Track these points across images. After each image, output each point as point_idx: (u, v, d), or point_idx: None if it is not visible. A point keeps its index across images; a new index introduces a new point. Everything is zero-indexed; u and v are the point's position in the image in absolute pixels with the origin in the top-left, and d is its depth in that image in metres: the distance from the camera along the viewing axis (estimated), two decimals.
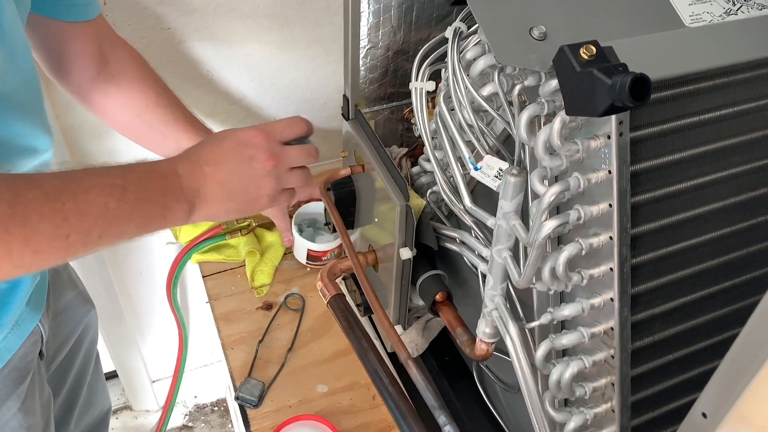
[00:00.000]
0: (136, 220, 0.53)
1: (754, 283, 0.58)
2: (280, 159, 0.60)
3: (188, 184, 0.56)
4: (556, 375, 0.54)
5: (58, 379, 0.79)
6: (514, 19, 0.51)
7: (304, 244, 1.04)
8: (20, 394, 0.63)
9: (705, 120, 0.53)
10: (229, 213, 0.59)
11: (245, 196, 0.59)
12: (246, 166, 0.59)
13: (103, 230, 0.50)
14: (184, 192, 0.56)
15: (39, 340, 0.66)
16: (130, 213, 0.52)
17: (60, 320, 0.76)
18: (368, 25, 0.75)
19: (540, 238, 0.50)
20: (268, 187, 0.60)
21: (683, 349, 0.57)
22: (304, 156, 0.63)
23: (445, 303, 0.71)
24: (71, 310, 0.79)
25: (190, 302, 1.35)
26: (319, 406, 0.87)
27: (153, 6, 0.98)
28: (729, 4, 0.55)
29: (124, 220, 0.51)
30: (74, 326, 0.81)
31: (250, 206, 0.60)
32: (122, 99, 0.75)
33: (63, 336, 0.78)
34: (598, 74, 0.41)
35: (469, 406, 0.81)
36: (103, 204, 0.50)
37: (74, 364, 0.83)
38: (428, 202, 0.73)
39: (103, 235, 0.50)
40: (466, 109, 0.59)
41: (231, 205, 0.59)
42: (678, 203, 0.53)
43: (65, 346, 0.79)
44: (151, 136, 0.79)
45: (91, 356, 0.88)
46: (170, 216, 0.55)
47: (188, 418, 1.59)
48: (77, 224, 0.48)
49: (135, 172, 0.54)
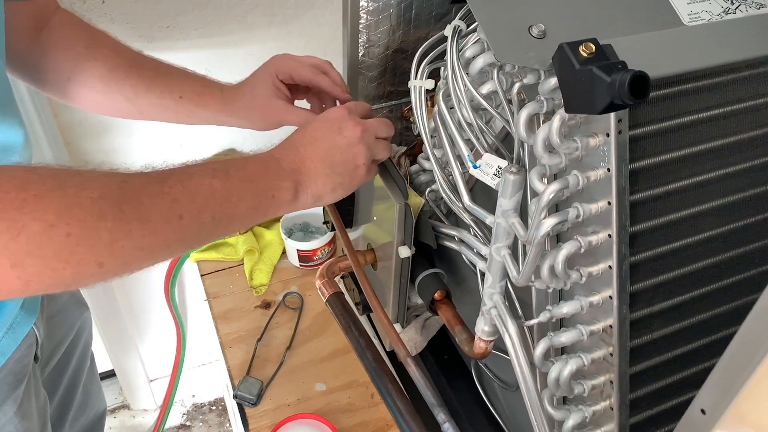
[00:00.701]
0: (246, 199, 0.53)
1: (753, 281, 0.58)
2: (365, 126, 0.61)
3: (288, 165, 0.57)
4: (555, 373, 0.54)
5: (53, 382, 0.79)
6: (513, 17, 0.51)
7: (293, 245, 1.05)
8: (16, 398, 0.62)
9: (704, 118, 0.53)
10: (335, 189, 0.60)
11: (344, 167, 0.60)
12: (338, 136, 0.60)
13: (215, 211, 0.50)
14: (286, 172, 0.57)
15: (34, 344, 0.66)
16: (238, 192, 0.53)
17: (54, 323, 0.76)
18: (367, 24, 0.75)
19: (539, 236, 0.50)
20: (362, 155, 0.60)
21: (682, 347, 0.57)
22: (384, 126, 0.64)
23: (443, 301, 0.71)
24: (65, 313, 0.79)
25: (188, 301, 1.35)
26: (317, 405, 0.87)
27: (151, 4, 0.98)
28: (727, 3, 0.55)
29: (234, 200, 0.52)
30: (68, 329, 0.80)
31: (350, 178, 0.60)
32: (48, 64, 0.70)
33: (57, 339, 0.77)
34: (598, 72, 0.41)
35: (467, 404, 0.81)
36: (208, 185, 0.50)
37: (69, 366, 0.82)
38: (427, 200, 0.74)
39: (216, 217, 0.50)
40: (465, 107, 0.59)
41: (335, 179, 0.59)
42: (677, 201, 0.53)
43: (60, 348, 0.78)
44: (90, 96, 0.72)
45: (86, 358, 0.88)
46: (278, 195, 0.56)
47: (186, 417, 1.59)
48: (188, 205, 0.49)
49: (233, 160, 0.55)
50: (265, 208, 0.55)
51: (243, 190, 0.53)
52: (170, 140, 1.13)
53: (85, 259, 0.43)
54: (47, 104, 1.00)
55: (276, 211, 0.57)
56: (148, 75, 0.71)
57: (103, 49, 0.71)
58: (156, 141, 1.12)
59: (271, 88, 0.71)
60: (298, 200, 0.58)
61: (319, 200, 0.60)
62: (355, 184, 0.61)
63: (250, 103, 0.72)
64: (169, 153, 1.15)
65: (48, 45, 0.69)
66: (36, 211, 0.41)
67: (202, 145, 1.17)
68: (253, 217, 0.55)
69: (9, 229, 0.39)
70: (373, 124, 0.63)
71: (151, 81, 0.71)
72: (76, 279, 0.43)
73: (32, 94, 0.96)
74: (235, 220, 0.53)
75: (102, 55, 0.70)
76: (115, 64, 0.70)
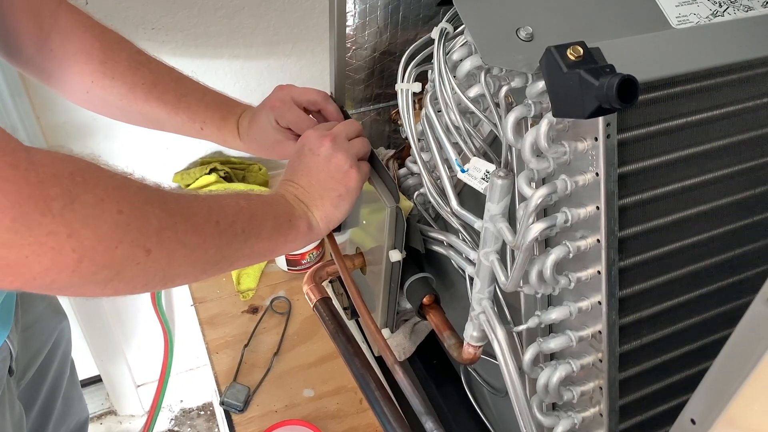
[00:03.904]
0: (269, 220, 0.56)
1: (742, 285, 0.58)
2: (332, 135, 0.63)
3: (291, 198, 0.61)
4: (544, 379, 0.54)
5: (30, 394, 0.77)
6: (500, 20, 0.50)
7: None
8: None
9: (692, 122, 0.52)
10: (337, 204, 0.62)
11: (334, 180, 0.62)
12: (314, 157, 0.62)
13: (245, 225, 0.53)
14: (292, 204, 0.60)
15: (8, 357, 0.64)
16: (262, 213, 0.56)
17: (30, 334, 0.74)
18: (354, 26, 0.74)
19: (527, 241, 0.49)
20: (343, 161, 0.62)
21: (671, 352, 0.57)
22: (350, 126, 0.66)
23: (432, 306, 0.70)
24: (42, 323, 0.77)
25: (175, 305, 1.34)
26: (305, 411, 0.86)
27: (136, 5, 0.97)
28: (716, 6, 0.55)
29: (260, 219, 0.55)
30: (45, 339, 0.79)
31: (345, 185, 0.62)
32: (65, 77, 0.70)
33: (34, 350, 0.76)
34: (585, 75, 0.40)
35: (456, 409, 0.81)
36: (235, 203, 0.53)
37: (47, 377, 0.81)
38: (415, 204, 0.73)
39: (246, 229, 0.53)
40: (453, 110, 0.58)
41: (332, 194, 0.61)
42: (666, 205, 0.53)
43: (36, 359, 0.77)
44: (111, 111, 0.74)
45: (65, 367, 0.86)
46: (294, 221, 0.59)
47: (174, 422, 1.57)
48: (221, 213, 0.51)
49: (250, 191, 0.60)
50: (286, 232, 0.58)
51: (265, 212, 0.56)
52: (156, 143, 1.12)
53: (136, 240, 0.43)
54: (29, 107, 0.98)
55: (295, 238, 0.59)
56: (169, 100, 0.72)
57: (120, 65, 0.70)
58: (142, 144, 1.11)
59: (278, 134, 0.71)
60: (312, 229, 0.61)
61: (330, 222, 0.62)
62: (353, 188, 0.62)
63: (263, 144, 0.73)
64: (155, 156, 1.13)
65: (62, 56, 0.68)
66: (87, 183, 0.40)
67: (188, 148, 1.16)
68: (277, 239, 0.57)
69: (63, 194, 0.39)
70: (339, 129, 0.65)
71: (173, 107, 0.72)
72: (125, 264, 0.42)
73: (14, 95, 0.94)
74: (262, 239, 0.55)
75: (119, 74, 0.70)
76: (132, 83, 0.70)
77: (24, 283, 0.39)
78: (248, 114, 0.74)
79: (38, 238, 0.37)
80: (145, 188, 0.46)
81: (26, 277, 0.38)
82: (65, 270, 0.39)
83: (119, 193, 0.42)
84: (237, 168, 1.17)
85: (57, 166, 0.39)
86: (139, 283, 0.45)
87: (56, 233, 0.38)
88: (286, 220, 0.58)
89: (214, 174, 1.12)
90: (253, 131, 0.72)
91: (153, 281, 0.46)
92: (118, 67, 0.70)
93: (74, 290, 0.42)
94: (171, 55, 1.03)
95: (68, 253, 0.39)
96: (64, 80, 0.69)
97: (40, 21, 0.67)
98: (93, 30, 0.70)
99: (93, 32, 0.69)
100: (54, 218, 0.38)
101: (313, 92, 0.72)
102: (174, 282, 0.49)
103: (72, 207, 0.39)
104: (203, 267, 0.50)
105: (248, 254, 0.54)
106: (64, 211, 0.38)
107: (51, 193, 0.38)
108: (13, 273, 0.38)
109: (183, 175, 1.15)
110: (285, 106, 0.70)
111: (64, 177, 0.39)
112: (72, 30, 0.68)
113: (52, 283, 0.39)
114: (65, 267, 0.39)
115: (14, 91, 0.94)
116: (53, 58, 0.68)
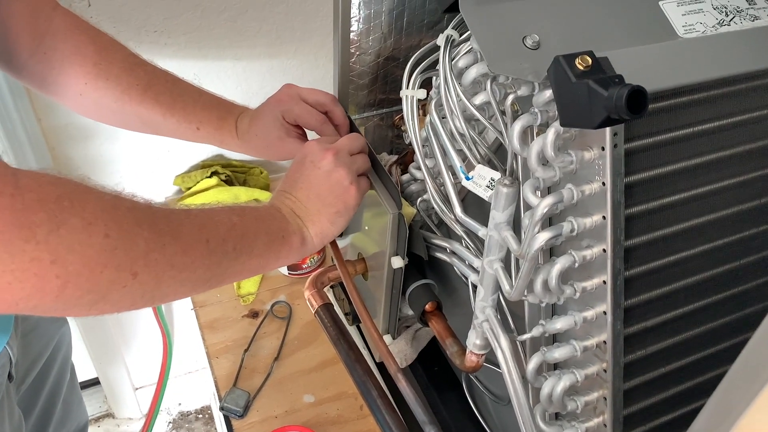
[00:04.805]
0: (261, 237, 0.55)
1: (747, 295, 0.58)
2: (336, 149, 0.63)
3: (287, 211, 0.60)
4: (548, 389, 0.53)
5: (29, 399, 0.77)
6: (507, 28, 0.50)
7: None
8: None
9: (699, 132, 0.52)
10: (333, 220, 0.61)
11: (333, 196, 0.61)
12: (315, 170, 0.61)
13: (236, 242, 0.52)
14: (287, 218, 0.59)
15: (7, 363, 0.64)
16: (254, 229, 0.55)
17: (29, 339, 0.74)
18: (358, 31, 0.74)
19: (532, 250, 0.49)
20: (344, 177, 0.61)
21: (676, 362, 0.57)
22: (354, 141, 0.65)
23: (434, 313, 0.70)
24: (41, 328, 0.77)
25: (175, 309, 1.33)
26: (305, 417, 0.86)
27: (139, 7, 0.96)
28: (722, 15, 0.55)
29: (251, 236, 0.54)
30: (45, 344, 0.78)
31: (344, 202, 0.61)
32: (59, 80, 0.69)
33: (33, 355, 0.75)
34: (594, 86, 0.40)
35: (458, 417, 0.80)
36: (228, 219, 0.53)
37: (47, 382, 0.80)
38: (418, 210, 0.73)
39: (237, 247, 0.52)
40: (458, 117, 0.58)
41: (329, 210, 0.61)
42: (672, 215, 0.52)
43: (36, 365, 0.76)
44: (104, 114, 0.72)
45: (65, 372, 0.85)
46: (287, 237, 0.58)
47: (172, 425, 1.57)
48: (213, 231, 0.50)
49: (244, 204, 0.58)
50: (278, 248, 0.57)
51: (258, 228, 0.55)
52: (158, 145, 1.11)
53: (122, 264, 0.42)
54: (30, 109, 0.98)
55: (288, 254, 0.58)
56: (165, 101, 0.71)
57: (114, 67, 0.69)
58: (143, 146, 1.10)
59: (282, 129, 0.71)
60: (306, 244, 0.60)
61: (325, 237, 0.61)
62: (351, 205, 0.62)
63: (263, 142, 0.72)
64: (156, 158, 1.13)
65: (55, 59, 0.67)
66: (74, 207, 0.40)
67: (189, 151, 1.15)
68: (268, 256, 0.56)
69: (49, 220, 0.38)
70: (342, 143, 0.64)
71: (168, 108, 0.71)
72: (111, 287, 0.42)
73: (15, 97, 0.94)
74: (253, 256, 0.54)
75: (114, 75, 0.69)
76: (127, 85, 0.70)
77: (7, 308, 0.38)
78: (248, 114, 0.74)
79: (21, 265, 0.37)
80: (135, 208, 0.45)
81: (8, 302, 0.38)
82: (49, 295, 0.39)
83: (107, 216, 0.42)
84: (238, 171, 1.17)
85: (44, 191, 0.39)
86: (125, 304, 0.45)
87: (39, 260, 0.37)
88: (279, 237, 0.57)
89: (215, 177, 1.12)
90: (254, 128, 0.72)
91: (140, 302, 0.45)
92: (113, 69, 0.69)
93: (59, 313, 0.42)
94: (173, 58, 1.03)
95: (52, 279, 0.38)
96: (58, 83, 0.69)
97: (36, 25, 0.66)
98: (87, 32, 0.69)
99: (87, 35, 0.69)
100: (38, 245, 0.37)
101: (321, 94, 0.72)
102: (162, 301, 0.48)
103: (57, 233, 0.38)
104: (192, 286, 0.50)
105: (239, 271, 0.54)
106: (49, 237, 0.38)
107: (36, 219, 0.37)
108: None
109: (184, 177, 1.14)
110: (293, 101, 0.70)
111: (50, 202, 0.39)
112: (66, 33, 0.68)
113: (35, 307, 0.39)
114: (49, 292, 0.39)
115: (15, 93, 0.93)
116: (47, 61, 0.67)
